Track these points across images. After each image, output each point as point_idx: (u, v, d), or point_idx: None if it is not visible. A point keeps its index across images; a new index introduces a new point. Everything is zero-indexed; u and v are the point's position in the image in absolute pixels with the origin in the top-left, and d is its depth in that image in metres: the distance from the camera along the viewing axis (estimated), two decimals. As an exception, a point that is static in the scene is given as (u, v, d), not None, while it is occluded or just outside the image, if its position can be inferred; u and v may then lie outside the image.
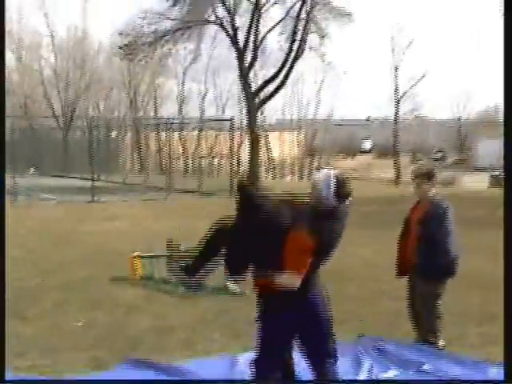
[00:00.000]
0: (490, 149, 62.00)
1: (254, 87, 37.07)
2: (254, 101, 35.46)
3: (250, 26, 34.60)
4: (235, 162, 34.67)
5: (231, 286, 10.23)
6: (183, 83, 63.72)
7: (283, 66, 35.18)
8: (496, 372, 6.16)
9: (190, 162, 50.63)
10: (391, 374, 6.25)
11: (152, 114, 61.24)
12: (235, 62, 36.36)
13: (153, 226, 18.38)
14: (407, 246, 6.96)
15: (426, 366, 6.31)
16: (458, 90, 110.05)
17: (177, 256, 5.86)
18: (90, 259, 13.22)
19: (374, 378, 6.20)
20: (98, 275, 11.48)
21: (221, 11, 34.93)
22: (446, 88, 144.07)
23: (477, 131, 69.45)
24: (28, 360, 7.03)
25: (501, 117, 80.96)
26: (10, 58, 54.63)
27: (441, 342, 6.90)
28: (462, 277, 7.11)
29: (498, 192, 34.07)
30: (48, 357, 7.16)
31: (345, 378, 5.59)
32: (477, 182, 43.84)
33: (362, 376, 6.17)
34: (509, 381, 4.30)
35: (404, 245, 7.01)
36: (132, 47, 35.74)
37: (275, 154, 62.37)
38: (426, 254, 6.70)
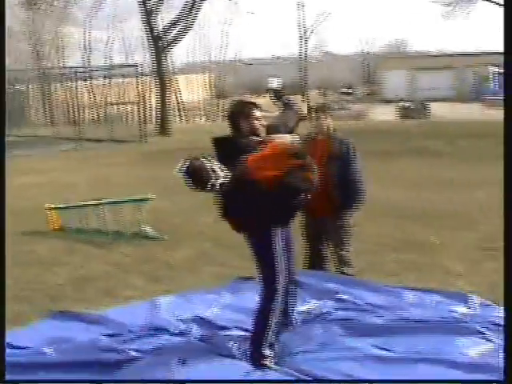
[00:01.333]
0: (397, 81, 62.86)
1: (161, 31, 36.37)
2: (159, 45, 34.82)
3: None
4: (144, 107, 34.36)
5: (149, 231, 10.26)
6: (87, 31, 62.24)
7: (190, 8, 34.53)
8: (411, 296, 6.33)
9: (100, 110, 49.73)
10: (309, 306, 6.33)
11: (57, 64, 59.60)
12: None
13: (67, 178, 18.12)
14: None
15: (340, 295, 6.42)
16: (365, 26, 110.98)
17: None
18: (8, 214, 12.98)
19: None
20: (16, 230, 11.31)
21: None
22: (353, 24, 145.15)
23: (384, 65, 70.20)
24: None
25: (406, 50, 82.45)
26: None
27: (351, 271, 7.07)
28: (374, 206, 7.25)
29: (408, 123, 34.90)
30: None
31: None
32: (386, 114, 44.59)
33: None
34: (509, 381, 4.41)
35: None
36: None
37: (185, 97, 61.70)
38: (335, 194, 6.81)
